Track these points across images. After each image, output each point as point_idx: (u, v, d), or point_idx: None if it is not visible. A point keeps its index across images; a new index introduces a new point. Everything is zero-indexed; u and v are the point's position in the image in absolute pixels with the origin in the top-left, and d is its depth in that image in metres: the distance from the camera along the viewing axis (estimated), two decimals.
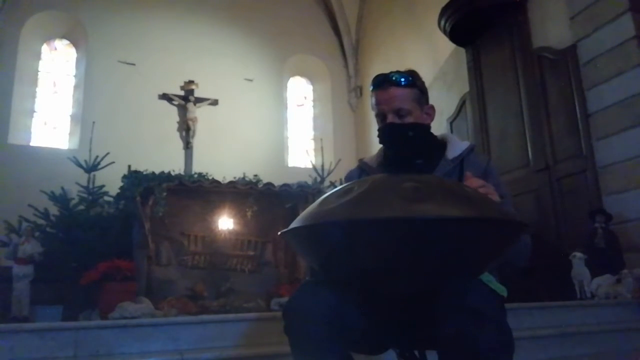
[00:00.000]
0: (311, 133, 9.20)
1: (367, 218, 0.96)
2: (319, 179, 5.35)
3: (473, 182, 1.19)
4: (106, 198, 4.56)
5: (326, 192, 1.21)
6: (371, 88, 1.48)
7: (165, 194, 3.96)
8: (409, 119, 1.43)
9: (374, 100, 1.47)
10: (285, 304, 1.21)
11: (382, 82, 1.44)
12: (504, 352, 1.02)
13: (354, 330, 1.17)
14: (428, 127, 1.49)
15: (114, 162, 4.76)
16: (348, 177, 1.58)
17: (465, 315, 1.01)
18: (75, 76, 7.76)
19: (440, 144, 1.51)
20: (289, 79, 9.13)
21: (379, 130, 1.46)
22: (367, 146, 8.20)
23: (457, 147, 1.48)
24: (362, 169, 1.56)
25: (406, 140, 1.42)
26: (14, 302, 3.34)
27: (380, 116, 1.45)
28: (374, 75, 1.47)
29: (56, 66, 7.78)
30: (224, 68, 8.17)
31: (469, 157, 1.47)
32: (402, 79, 1.44)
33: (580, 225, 4.08)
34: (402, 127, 1.42)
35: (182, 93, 7.79)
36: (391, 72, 1.45)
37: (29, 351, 2.14)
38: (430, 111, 1.51)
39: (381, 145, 1.60)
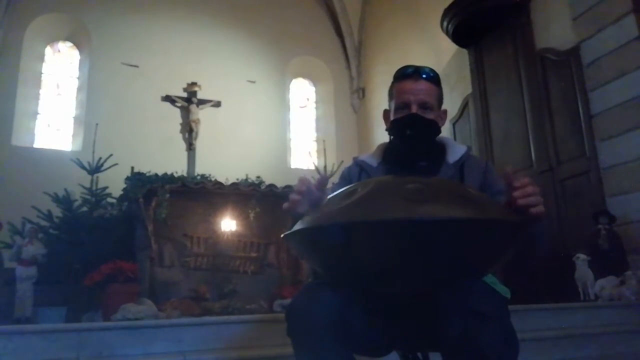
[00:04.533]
0: (314, 134, 9.20)
1: (371, 220, 0.95)
2: None
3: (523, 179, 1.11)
4: (109, 200, 4.58)
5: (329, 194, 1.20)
6: (395, 78, 1.47)
7: (168, 195, 3.97)
8: (431, 115, 1.42)
9: (396, 89, 1.45)
10: (288, 306, 1.21)
11: (413, 73, 1.43)
12: (508, 354, 1.02)
13: (357, 332, 1.17)
14: (440, 130, 1.49)
15: (117, 164, 4.77)
16: (345, 175, 1.55)
17: (469, 317, 1.00)
18: (78, 78, 7.78)
19: (440, 147, 1.50)
20: (291, 80, 9.14)
21: (397, 119, 1.43)
22: (370, 147, 8.16)
23: (456, 151, 1.48)
24: (362, 168, 1.53)
25: (425, 135, 1.42)
26: (18, 304, 3.35)
27: (403, 106, 1.43)
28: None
29: (59, 68, 7.80)
30: (227, 70, 8.18)
31: (468, 160, 1.47)
32: (432, 74, 1.44)
33: (583, 226, 4.07)
34: (427, 121, 1.41)
35: (185, 95, 7.80)
36: (421, 66, 1.46)
37: (32, 353, 2.14)
38: (444, 115, 1.50)
39: (379, 144, 1.59)
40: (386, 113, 1.52)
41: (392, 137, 1.50)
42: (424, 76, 1.43)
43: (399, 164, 1.43)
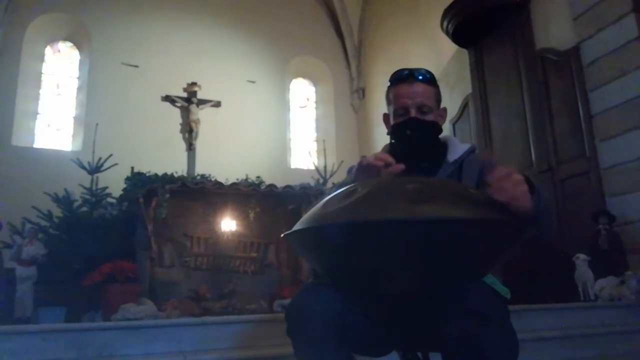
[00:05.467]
0: (314, 134, 9.20)
1: (371, 220, 0.95)
2: (321, 181, 5.35)
3: (499, 171, 1.07)
4: (109, 200, 4.57)
5: (329, 194, 1.20)
6: (391, 82, 1.47)
7: (168, 195, 3.97)
8: (430, 117, 1.43)
9: (393, 94, 1.46)
10: (288, 306, 1.21)
11: (408, 76, 1.44)
12: (508, 354, 1.02)
13: (357, 331, 1.17)
14: (441, 130, 1.49)
15: (117, 164, 4.77)
16: (350, 172, 1.56)
17: (469, 317, 1.00)
18: (78, 78, 7.78)
19: (442, 146, 1.50)
20: (291, 80, 9.13)
21: (398, 124, 1.44)
22: (370, 147, 8.19)
23: (457, 149, 1.48)
24: None
25: (425, 137, 1.41)
26: (17, 304, 3.35)
27: (401, 111, 1.43)
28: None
29: (59, 68, 7.80)
30: (227, 70, 8.18)
31: (469, 158, 1.47)
32: (428, 76, 1.44)
33: (583, 226, 4.07)
34: (426, 124, 1.41)
35: (185, 95, 7.80)
36: (416, 68, 1.45)
37: (32, 353, 2.14)
38: (443, 113, 1.51)
39: (383, 146, 1.59)
40: (386, 117, 1.52)
41: (393, 140, 1.50)
42: (420, 78, 1.43)
43: (411, 156, 1.44)
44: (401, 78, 1.44)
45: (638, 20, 3.92)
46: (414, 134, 1.40)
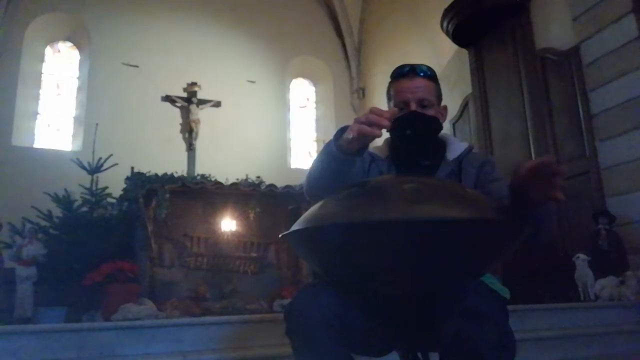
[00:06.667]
0: (314, 134, 9.21)
1: (369, 220, 0.95)
2: None
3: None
4: (109, 200, 4.57)
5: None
6: (392, 78, 1.47)
7: (168, 195, 3.97)
8: (431, 112, 1.42)
9: (394, 89, 1.45)
10: (288, 306, 1.20)
11: (409, 71, 1.43)
12: (505, 354, 1.01)
13: (356, 332, 1.16)
14: (442, 127, 1.49)
15: (117, 164, 4.76)
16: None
17: (467, 317, 1.00)
18: (78, 78, 7.79)
19: (441, 145, 1.50)
20: (291, 80, 9.14)
21: (398, 118, 1.42)
22: (370, 147, 8.17)
23: (456, 147, 1.48)
24: (373, 158, 1.52)
25: (426, 133, 1.41)
26: (18, 304, 3.34)
27: (401, 105, 1.43)
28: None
29: (59, 68, 7.80)
30: (227, 70, 8.18)
31: (468, 156, 1.47)
32: (429, 71, 1.44)
33: (583, 226, 4.07)
34: (427, 118, 1.41)
35: (185, 95, 7.80)
36: (417, 64, 1.45)
37: (32, 353, 2.14)
38: (444, 111, 1.50)
39: (385, 139, 1.58)
40: None
41: (393, 137, 1.49)
42: (421, 74, 1.43)
43: (402, 162, 1.44)
44: (402, 73, 1.45)
45: (638, 20, 3.92)
46: (414, 130, 1.39)
